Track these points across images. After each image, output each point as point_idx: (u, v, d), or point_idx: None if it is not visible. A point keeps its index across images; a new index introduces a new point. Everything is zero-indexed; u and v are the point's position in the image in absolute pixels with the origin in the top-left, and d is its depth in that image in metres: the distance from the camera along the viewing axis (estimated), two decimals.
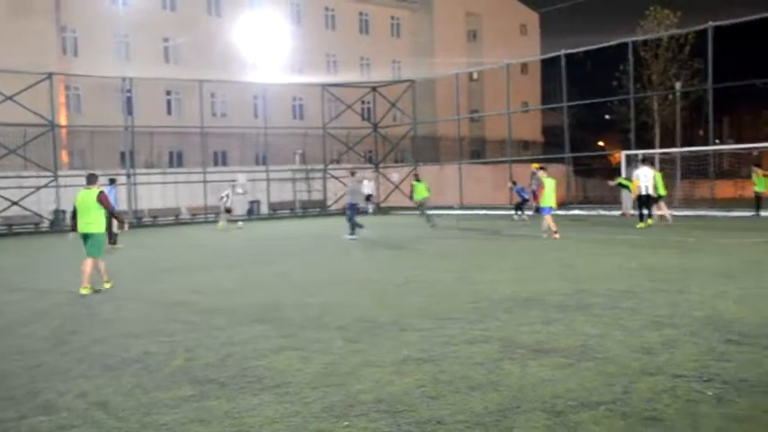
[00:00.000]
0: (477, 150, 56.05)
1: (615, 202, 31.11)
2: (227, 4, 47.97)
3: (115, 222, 17.84)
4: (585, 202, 39.47)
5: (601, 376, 5.88)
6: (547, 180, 20.03)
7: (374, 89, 45.38)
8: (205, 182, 36.75)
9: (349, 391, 5.74)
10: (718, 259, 13.62)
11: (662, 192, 23.39)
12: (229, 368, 6.62)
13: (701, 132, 42.74)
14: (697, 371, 5.92)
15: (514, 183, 30.24)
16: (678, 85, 38.22)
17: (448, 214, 31.40)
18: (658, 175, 23.17)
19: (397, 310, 9.27)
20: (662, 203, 23.73)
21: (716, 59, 29.93)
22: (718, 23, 29.66)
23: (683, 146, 35.27)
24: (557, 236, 19.07)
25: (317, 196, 42.43)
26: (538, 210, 23.46)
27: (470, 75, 57.38)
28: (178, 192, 36.97)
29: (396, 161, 49.71)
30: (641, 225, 21.68)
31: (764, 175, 26.50)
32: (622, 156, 31.36)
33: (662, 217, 23.48)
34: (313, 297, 10.63)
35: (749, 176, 28.31)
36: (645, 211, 22.15)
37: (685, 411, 4.96)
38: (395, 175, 44.21)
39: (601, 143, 65.72)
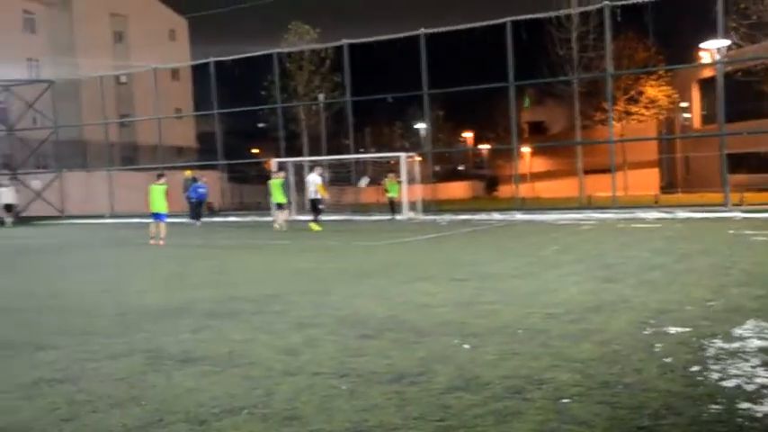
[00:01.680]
0: (130, 156, 53.97)
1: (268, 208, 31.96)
2: None
3: None
4: (241, 208, 40.05)
5: (245, 381, 5.96)
6: (153, 187, 20.29)
7: (7, 88, 41.36)
8: None
9: None
10: (358, 261, 14.67)
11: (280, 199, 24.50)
12: None
13: (346, 141, 45.74)
14: (334, 367, 6.27)
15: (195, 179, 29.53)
16: (321, 97, 40.52)
17: (98, 223, 29.76)
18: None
19: (36, 328, 8.53)
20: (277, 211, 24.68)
21: (354, 74, 32.29)
22: (351, 41, 32.05)
23: (329, 154, 37.45)
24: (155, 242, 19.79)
25: None
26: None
27: (118, 78, 54.93)
28: None
29: (38, 167, 45.87)
30: (316, 228, 22.69)
31: (398, 182, 29.16)
32: (273, 163, 32.39)
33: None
34: None
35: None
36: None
37: (322, 407, 5.21)
38: (36, 182, 40.72)
39: (255, 150, 67.15)
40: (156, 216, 20.13)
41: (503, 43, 30.88)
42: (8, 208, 32.09)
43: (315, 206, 23.60)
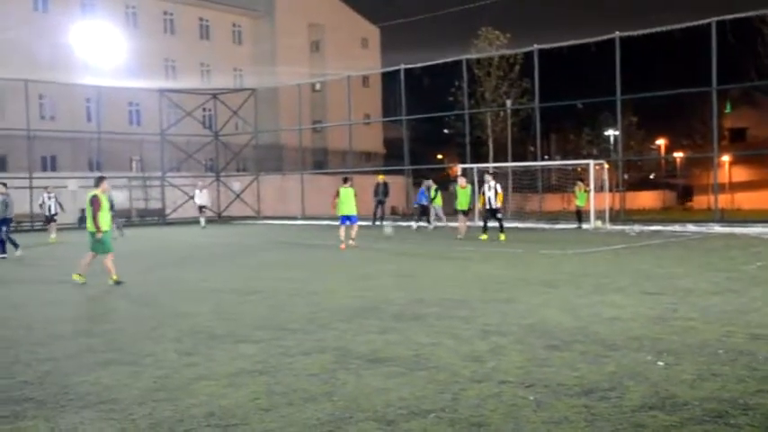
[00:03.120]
0: (320, 161, 56.32)
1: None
2: (55, 1, 45.53)
3: None
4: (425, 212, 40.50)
5: (432, 384, 6.03)
6: (343, 190, 20.39)
7: (215, 96, 44.56)
8: (31, 187, 34.52)
9: (179, 406, 5.56)
10: (544, 270, 14.40)
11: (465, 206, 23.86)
12: (49, 386, 6.23)
13: (532, 148, 45.10)
14: (521, 377, 6.20)
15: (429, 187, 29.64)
16: (509, 103, 40.17)
17: (291, 224, 31.30)
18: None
19: (235, 322, 9.11)
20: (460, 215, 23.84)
21: (542, 80, 31.76)
22: (542, 46, 31.53)
23: (514, 161, 37.07)
24: (347, 244, 20.06)
25: (154, 204, 40.99)
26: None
27: (313, 85, 57.54)
28: None
29: (238, 170, 49.02)
30: (483, 237, 22.25)
31: (586, 190, 28.27)
32: (458, 168, 32.54)
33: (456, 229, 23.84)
34: (148, 307, 10.25)
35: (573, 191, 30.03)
36: (490, 224, 22.59)
37: (509, 416, 5.17)
38: (236, 185, 43.57)
39: (440, 156, 67.87)
40: (347, 219, 20.34)
41: (705, 45, 29.12)
42: (201, 209, 33.50)
43: (494, 215, 22.40)
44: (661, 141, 72.00)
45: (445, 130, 52.86)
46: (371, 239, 22.91)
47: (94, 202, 13.08)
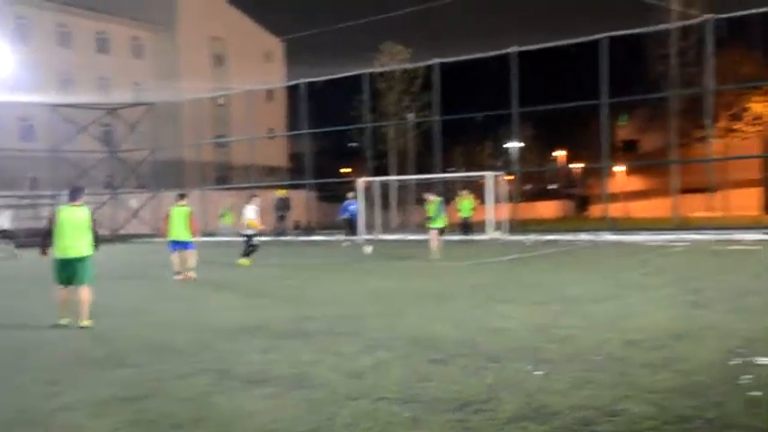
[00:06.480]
0: (224, 176, 55.44)
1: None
2: None
3: None
4: (331, 227, 40.44)
5: (308, 404, 5.90)
6: (176, 210, 16.85)
7: (112, 111, 43.27)
8: None
9: None
10: (437, 282, 14.51)
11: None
12: None
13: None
14: (400, 393, 6.14)
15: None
16: (411, 116, 40.61)
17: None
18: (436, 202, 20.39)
19: (115, 344, 8.75)
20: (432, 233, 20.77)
21: (444, 93, 32.26)
22: (443, 60, 32.05)
23: (417, 173, 37.44)
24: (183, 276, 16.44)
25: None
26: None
27: (216, 100, 56.66)
28: None
29: (138, 187, 47.69)
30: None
31: (473, 200, 28.17)
32: (360, 182, 32.57)
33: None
34: (22, 331, 9.74)
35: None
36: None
37: None
38: (133, 201, 42.35)
39: (347, 170, 67.82)
40: (177, 244, 16.61)
41: (597, 60, 30.22)
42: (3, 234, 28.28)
43: (248, 241, 19.80)
44: (561, 153, 74.20)
45: (351, 144, 53.01)
46: (264, 256, 22.58)
47: None
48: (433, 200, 20.24)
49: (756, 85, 47.20)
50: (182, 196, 17.31)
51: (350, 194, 29.04)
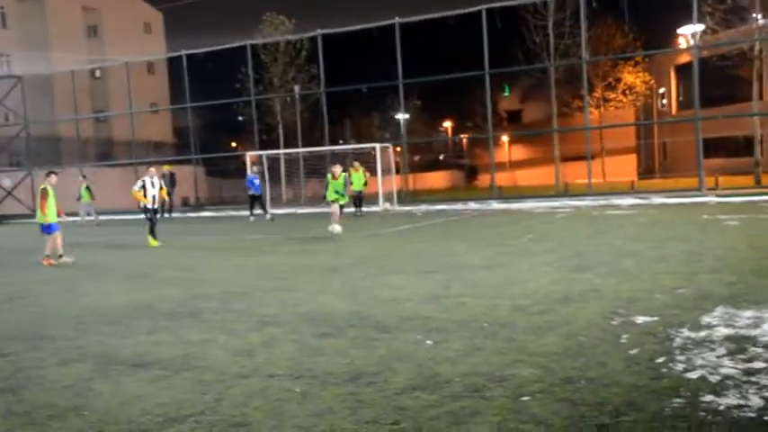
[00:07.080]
0: (105, 152, 53.30)
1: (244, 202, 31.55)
2: None
3: None
4: (220, 203, 39.68)
5: (196, 385, 5.72)
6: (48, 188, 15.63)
7: None
8: None
9: None
10: (329, 255, 14.45)
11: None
12: None
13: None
14: (290, 369, 6.04)
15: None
16: (297, 89, 40.14)
17: (71, 221, 29.29)
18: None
19: None
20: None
21: (330, 65, 32.00)
22: (325, 31, 31.76)
23: (306, 146, 37.12)
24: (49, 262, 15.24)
25: None
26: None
27: (92, 72, 54.21)
28: None
29: (11, 165, 45.18)
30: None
31: (364, 173, 28.02)
32: (247, 156, 32.04)
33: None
34: None
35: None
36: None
37: (273, 412, 5.00)
38: (6, 181, 40.11)
39: (234, 144, 66.53)
40: (49, 227, 15.37)
41: (479, 32, 30.68)
42: None
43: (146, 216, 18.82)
44: (448, 124, 75.38)
45: (239, 118, 51.99)
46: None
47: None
48: (341, 173, 19.68)
49: (627, 57, 49.33)
50: (49, 174, 16.12)
51: (253, 168, 28.56)
